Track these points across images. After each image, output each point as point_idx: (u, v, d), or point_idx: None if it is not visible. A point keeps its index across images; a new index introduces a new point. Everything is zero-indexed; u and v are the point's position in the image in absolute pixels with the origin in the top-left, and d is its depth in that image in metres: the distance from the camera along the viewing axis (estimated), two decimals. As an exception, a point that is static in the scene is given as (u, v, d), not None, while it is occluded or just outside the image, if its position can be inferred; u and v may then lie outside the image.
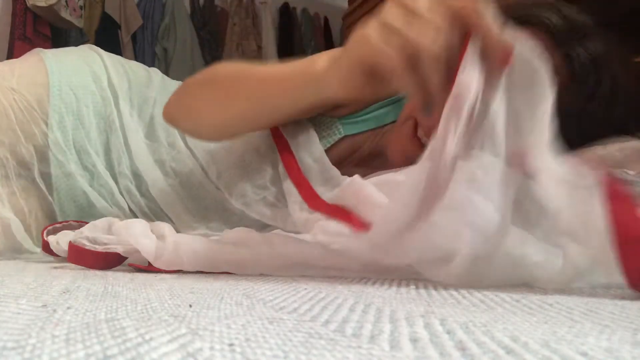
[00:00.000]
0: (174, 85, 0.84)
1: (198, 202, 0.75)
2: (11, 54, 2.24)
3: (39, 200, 0.68)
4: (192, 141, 0.76)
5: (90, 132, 0.71)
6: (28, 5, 2.23)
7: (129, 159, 0.73)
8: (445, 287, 0.37)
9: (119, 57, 0.83)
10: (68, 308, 0.25)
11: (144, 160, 0.73)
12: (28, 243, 0.64)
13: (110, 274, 0.43)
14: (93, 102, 0.72)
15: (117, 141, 0.72)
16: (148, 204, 0.74)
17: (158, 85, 0.80)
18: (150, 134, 0.76)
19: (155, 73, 0.84)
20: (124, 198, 0.72)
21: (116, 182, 0.72)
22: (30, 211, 0.67)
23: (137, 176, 0.73)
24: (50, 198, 0.68)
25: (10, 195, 0.66)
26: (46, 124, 0.68)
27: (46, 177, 0.68)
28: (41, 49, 0.77)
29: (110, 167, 0.72)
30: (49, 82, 0.69)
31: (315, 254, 0.45)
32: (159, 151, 0.76)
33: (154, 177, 0.74)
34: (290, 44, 3.46)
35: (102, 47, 0.82)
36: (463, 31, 0.37)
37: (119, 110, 0.74)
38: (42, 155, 0.67)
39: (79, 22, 2.44)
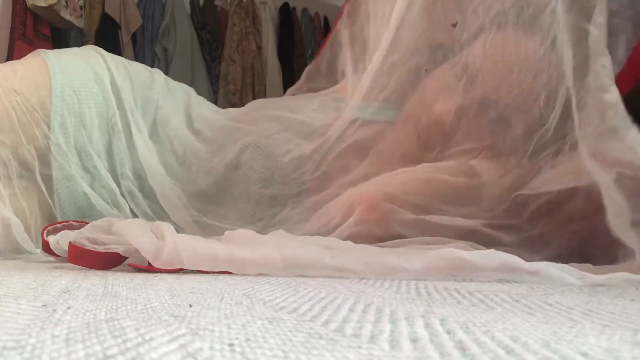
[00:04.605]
0: (177, 87, 0.84)
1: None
2: (11, 54, 2.23)
3: (39, 201, 0.68)
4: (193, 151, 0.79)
5: (92, 133, 0.71)
6: (28, 5, 2.23)
7: (131, 161, 0.73)
8: (446, 287, 0.37)
9: (121, 58, 0.83)
10: (68, 308, 0.25)
11: (148, 158, 0.74)
12: (28, 244, 0.64)
13: (110, 274, 0.43)
14: (95, 103, 0.72)
15: (119, 143, 0.72)
16: (150, 204, 0.74)
17: (161, 88, 0.80)
18: (153, 137, 0.77)
19: (158, 74, 0.84)
20: (126, 200, 0.72)
21: (118, 185, 0.72)
22: (31, 212, 0.67)
23: (139, 177, 0.74)
24: (50, 200, 0.68)
25: (12, 196, 0.66)
26: (48, 126, 0.68)
27: (47, 179, 0.68)
28: (43, 50, 0.77)
29: (112, 169, 0.72)
30: (51, 84, 0.69)
31: (315, 254, 0.45)
32: (162, 152, 0.76)
33: (158, 179, 0.74)
34: (290, 44, 3.46)
35: (102, 47, 0.82)
36: None
37: (121, 112, 0.74)
38: (43, 157, 0.67)
39: (79, 22, 2.43)
